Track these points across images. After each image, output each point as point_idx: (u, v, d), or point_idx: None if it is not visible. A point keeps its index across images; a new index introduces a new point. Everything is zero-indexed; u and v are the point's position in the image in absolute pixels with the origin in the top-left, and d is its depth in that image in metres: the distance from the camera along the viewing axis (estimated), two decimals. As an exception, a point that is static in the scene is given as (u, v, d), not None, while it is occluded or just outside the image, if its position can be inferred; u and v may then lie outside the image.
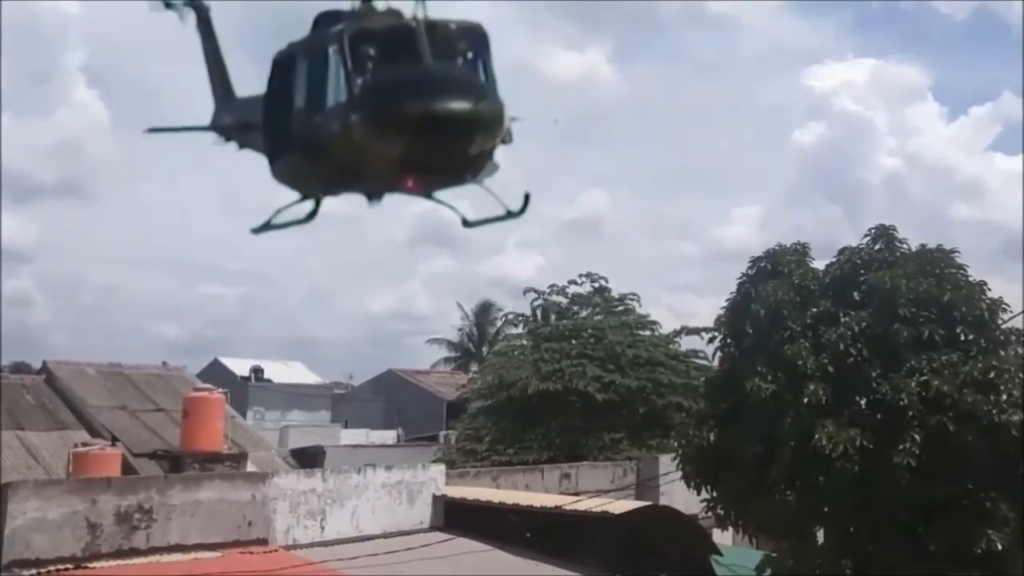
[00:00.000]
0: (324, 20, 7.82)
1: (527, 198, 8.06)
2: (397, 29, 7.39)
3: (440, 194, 8.10)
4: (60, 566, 13.54)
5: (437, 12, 7.66)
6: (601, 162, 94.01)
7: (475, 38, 7.60)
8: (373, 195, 7.98)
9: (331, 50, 7.40)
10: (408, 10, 7.47)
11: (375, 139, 7.11)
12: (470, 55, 7.56)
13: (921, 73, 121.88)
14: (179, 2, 9.24)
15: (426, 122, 6.94)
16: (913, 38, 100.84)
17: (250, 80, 8.76)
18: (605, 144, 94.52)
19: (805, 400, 16.18)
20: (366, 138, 7.12)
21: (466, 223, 8.33)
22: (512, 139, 7.84)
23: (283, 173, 8.14)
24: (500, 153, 7.83)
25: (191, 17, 9.33)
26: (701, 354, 29.41)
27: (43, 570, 13.35)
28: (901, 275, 16.95)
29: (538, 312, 32.96)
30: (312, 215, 8.12)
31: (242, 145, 8.98)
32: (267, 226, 8.23)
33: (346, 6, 7.76)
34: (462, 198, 8.24)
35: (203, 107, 9.44)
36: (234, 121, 9.04)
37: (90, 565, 13.84)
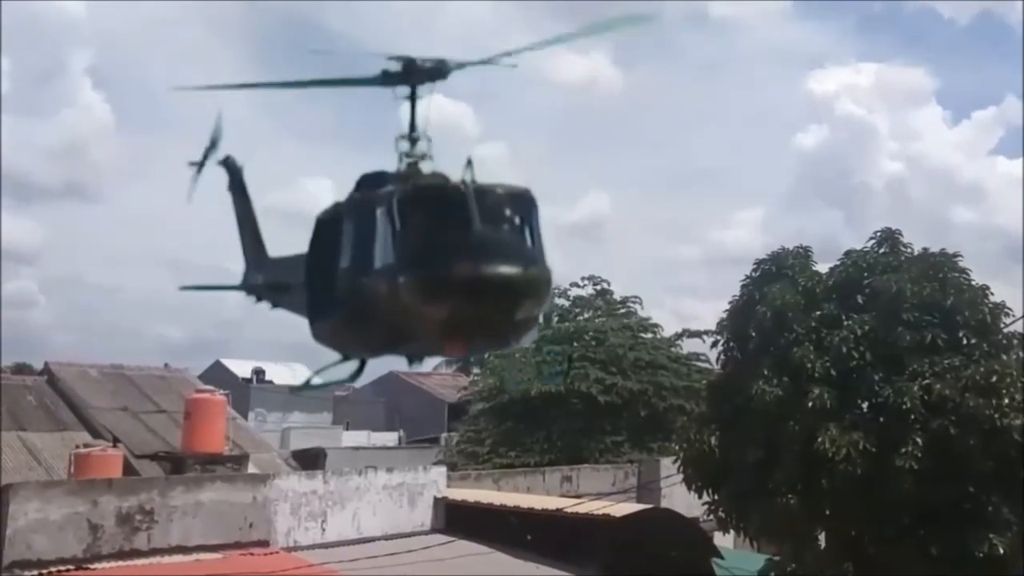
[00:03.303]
0: (368, 181, 7.67)
1: (570, 359, 8.08)
2: (447, 192, 7.22)
3: None
4: (61, 567, 13.54)
5: (436, 15, 7.61)
6: (603, 165, 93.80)
7: (523, 203, 7.46)
8: (415, 357, 7.90)
9: (379, 211, 7.21)
10: (453, 174, 7.32)
11: (422, 303, 6.92)
12: (518, 220, 7.38)
13: (924, 77, 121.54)
14: (211, 163, 9.20)
15: (474, 288, 6.78)
16: (916, 42, 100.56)
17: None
18: (607, 147, 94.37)
19: (809, 404, 16.16)
20: (413, 301, 6.92)
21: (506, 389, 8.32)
22: (555, 307, 7.76)
23: (325, 334, 7.96)
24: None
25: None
26: (703, 357, 29.50)
27: (44, 571, 13.35)
28: (905, 279, 16.92)
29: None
30: (356, 375, 7.96)
31: (275, 305, 8.83)
32: (307, 386, 8.20)
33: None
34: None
35: (203, 109, 9.38)
36: (267, 281, 8.91)
37: (91, 566, 13.84)
